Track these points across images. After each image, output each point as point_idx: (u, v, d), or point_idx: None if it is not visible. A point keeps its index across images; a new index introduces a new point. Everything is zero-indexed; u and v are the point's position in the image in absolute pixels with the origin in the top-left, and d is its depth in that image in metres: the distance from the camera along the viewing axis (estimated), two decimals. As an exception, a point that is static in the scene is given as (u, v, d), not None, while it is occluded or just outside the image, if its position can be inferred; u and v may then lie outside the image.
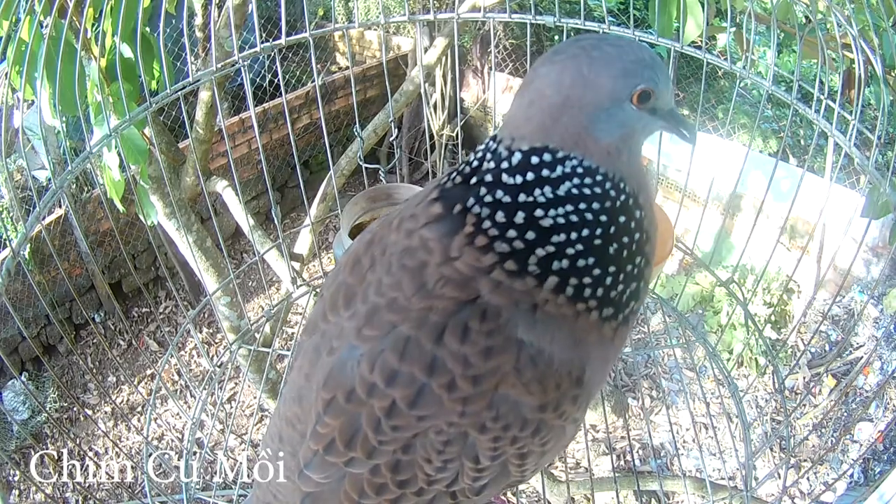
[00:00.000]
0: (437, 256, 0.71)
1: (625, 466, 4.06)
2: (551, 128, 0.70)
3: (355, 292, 0.79)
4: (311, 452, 0.80)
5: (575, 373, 0.74)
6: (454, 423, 0.73)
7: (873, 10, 1.24)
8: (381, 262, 0.77)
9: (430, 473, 0.77)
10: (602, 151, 0.71)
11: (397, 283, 0.73)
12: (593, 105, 0.70)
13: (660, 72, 0.71)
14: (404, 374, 0.71)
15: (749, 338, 3.96)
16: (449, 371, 0.70)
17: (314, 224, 2.21)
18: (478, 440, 0.74)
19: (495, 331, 0.70)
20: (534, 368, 0.71)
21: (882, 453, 3.89)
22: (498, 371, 0.70)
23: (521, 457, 0.78)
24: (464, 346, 0.70)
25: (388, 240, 0.78)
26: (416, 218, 0.75)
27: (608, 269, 0.72)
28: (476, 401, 0.71)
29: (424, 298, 0.71)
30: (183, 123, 5.16)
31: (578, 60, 0.69)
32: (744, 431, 1.40)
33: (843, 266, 4.38)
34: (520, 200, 0.70)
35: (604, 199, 0.71)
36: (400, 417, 0.73)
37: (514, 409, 0.72)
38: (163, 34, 1.32)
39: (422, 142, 6.25)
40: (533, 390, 0.71)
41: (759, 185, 4.21)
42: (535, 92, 0.71)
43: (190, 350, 4.92)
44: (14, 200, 3.85)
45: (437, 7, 4.64)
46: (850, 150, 1.10)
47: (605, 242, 0.71)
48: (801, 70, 1.19)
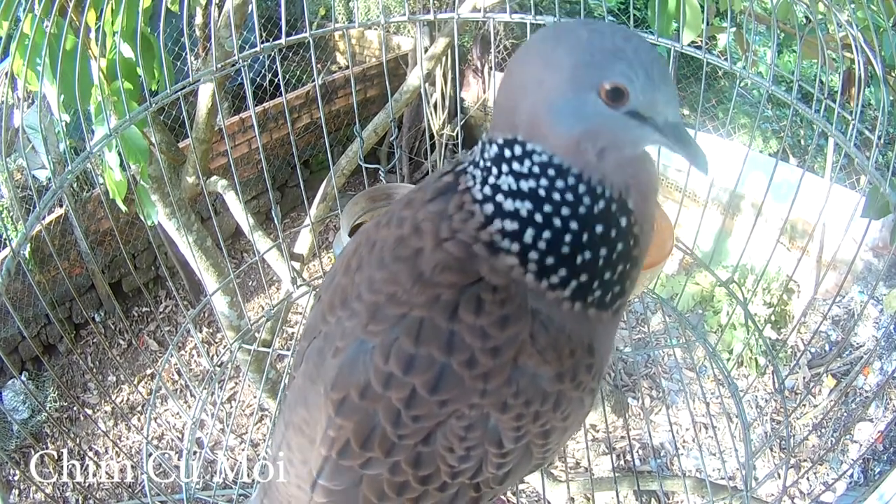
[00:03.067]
0: (430, 240, 0.71)
1: (625, 466, 4.06)
2: (513, 114, 0.69)
3: (348, 293, 0.78)
4: (322, 459, 0.77)
5: (586, 340, 0.73)
6: (475, 404, 0.71)
7: (873, 11, 1.24)
8: (369, 260, 0.76)
9: (454, 464, 0.74)
10: (567, 146, 0.67)
11: (393, 276, 0.72)
12: (555, 91, 0.65)
13: (641, 70, 0.63)
14: (422, 356, 0.69)
15: (749, 338, 3.96)
16: (468, 346, 0.69)
17: (314, 224, 2.21)
18: (500, 421, 0.72)
19: (507, 300, 0.69)
20: (546, 334, 0.70)
21: (882, 453, 3.89)
22: (516, 339, 0.69)
23: (544, 435, 0.76)
24: (480, 318, 0.68)
25: (378, 236, 0.77)
26: (414, 202, 0.75)
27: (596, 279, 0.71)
28: (496, 376, 0.69)
29: (425, 287, 0.70)
30: (183, 123, 5.16)
31: (548, 44, 0.67)
32: (744, 431, 1.40)
33: (843, 266, 4.38)
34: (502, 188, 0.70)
35: (577, 205, 0.68)
36: (421, 406, 0.70)
37: (533, 383, 0.71)
38: (163, 34, 1.32)
39: (422, 141, 6.25)
40: (549, 358, 0.71)
41: (760, 185, 4.22)
42: (507, 75, 0.70)
43: (190, 350, 4.92)
44: (14, 200, 3.85)
45: (437, 7, 4.64)
46: (850, 149, 1.10)
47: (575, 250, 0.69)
48: (801, 70, 1.19)
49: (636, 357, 4.31)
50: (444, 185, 0.74)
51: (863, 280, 4.67)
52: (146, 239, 5.10)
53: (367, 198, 1.54)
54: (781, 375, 1.48)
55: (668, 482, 2.79)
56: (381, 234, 0.77)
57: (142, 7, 1.38)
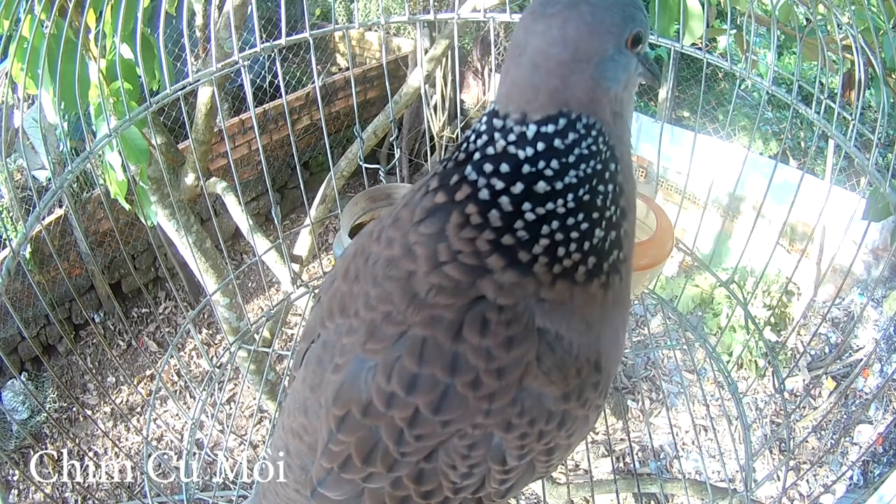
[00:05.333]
0: (424, 265, 0.68)
1: (624, 468, 4.05)
2: (563, 90, 0.66)
3: (346, 302, 0.76)
4: (324, 471, 0.76)
5: (593, 358, 0.72)
6: (479, 424, 0.70)
7: (874, 13, 1.24)
8: (364, 273, 0.75)
9: (456, 481, 0.74)
10: (605, 105, 0.69)
11: (386, 295, 0.71)
12: (600, 54, 0.66)
13: (645, 15, 0.70)
14: (425, 377, 0.68)
15: (749, 339, 3.96)
16: (472, 367, 0.67)
17: (314, 225, 2.21)
18: (504, 439, 0.71)
19: (514, 320, 0.67)
20: (553, 356, 0.69)
21: (881, 455, 3.89)
22: (521, 361, 0.68)
23: (548, 452, 0.75)
24: (485, 339, 0.67)
25: (371, 250, 0.75)
26: (400, 223, 0.72)
27: (593, 220, 0.69)
28: (501, 397, 0.68)
29: (420, 309, 0.68)
30: (183, 124, 5.16)
31: (579, 9, 0.65)
32: (744, 433, 1.40)
33: (843, 268, 4.38)
34: (523, 172, 0.66)
35: (597, 154, 0.68)
36: (424, 425, 0.69)
37: (539, 403, 0.70)
38: (163, 34, 1.32)
39: (422, 143, 6.25)
40: (555, 379, 0.69)
41: (759, 187, 4.22)
42: (536, 53, 0.66)
43: (190, 351, 4.92)
44: (14, 200, 3.85)
45: (437, 7, 4.65)
46: (850, 150, 1.10)
47: (592, 197, 0.68)
48: (801, 72, 1.19)
49: (636, 359, 4.30)
50: (435, 206, 0.69)
51: (862, 282, 4.67)
52: (146, 240, 5.10)
53: (366, 198, 1.54)
54: (781, 376, 1.48)
55: (668, 484, 2.79)
56: (373, 249, 0.75)
57: (141, 7, 1.38)
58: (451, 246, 0.67)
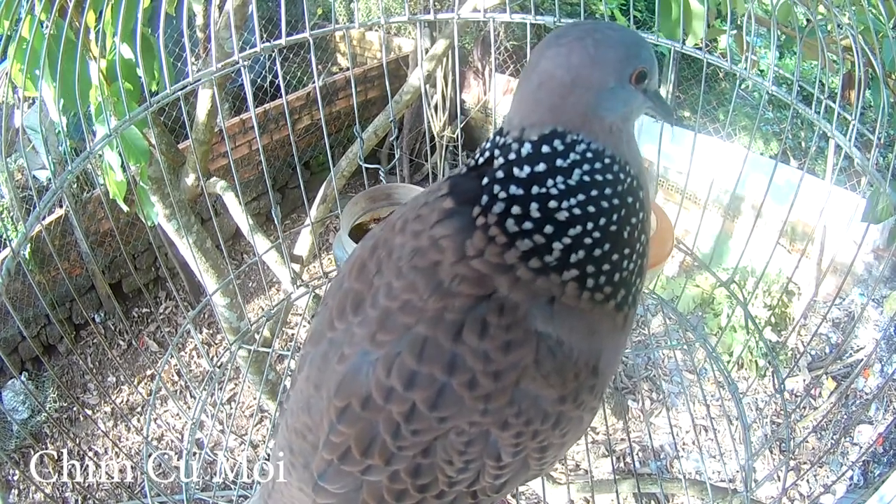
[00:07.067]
0: (451, 255, 0.71)
1: (625, 468, 4.05)
2: (560, 108, 0.72)
3: (363, 298, 0.77)
4: (325, 463, 0.78)
5: (591, 362, 0.74)
6: (476, 422, 0.72)
7: (874, 14, 1.24)
8: (389, 265, 0.76)
9: (451, 475, 0.76)
10: (605, 131, 0.73)
11: (411, 284, 0.72)
12: (600, 84, 0.72)
13: (652, 54, 0.76)
14: (423, 374, 0.70)
15: (749, 339, 3.96)
16: (469, 368, 0.69)
17: (314, 225, 2.21)
18: (499, 437, 0.73)
19: (514, 324, 0.70)
20: (553, 360, 0.71)
21: (882, 456, 3.89)
22: (518, 365, 0.70)
23: (541, 450, 0.77)
24: (483, 342, 0.69)
25: (394, 242, 0.77)
26: (423, 219, 0.75)
27: (623, 254, 0.73)
28: (497, 397, 0.70)
29: (441, 297, 0.70)
30: (183, 124, 5.16)
31: (584, 42, 0.72)
32: (744, 433, 1.40)
33: (843, 268, 4.38)
34: (533, 193, 0.71)
35: (615, 183, 0.73)
36: (420, 421, 0.72)
37: (535, 404, 0.72)
38: (163, 34, 1.32)
39: (422, 143, 6.25)
40: (553, 382, 0.71)
41: (760, 187, 4.22)
42: (543, 74, 0.73)
43: (190, 350, 4.92)
44: (14, 200, 3.85)
45: (437, 7, 4.64)
46: (851, 150, 1.10)
47: (620, 228, 0.73)
48: (800, 71, 1.19)
49: (636, 359, 4.31)
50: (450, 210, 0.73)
51: (863, 282, 4.67)
52: (146, 240, 5.10)
53: (367, 198, 1.54)
54: (781, 377, 1.48)
55: (669, 484, 2.79)
56: (397, 241, 0.77)
57: (141, 7, 1.38)
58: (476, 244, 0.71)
